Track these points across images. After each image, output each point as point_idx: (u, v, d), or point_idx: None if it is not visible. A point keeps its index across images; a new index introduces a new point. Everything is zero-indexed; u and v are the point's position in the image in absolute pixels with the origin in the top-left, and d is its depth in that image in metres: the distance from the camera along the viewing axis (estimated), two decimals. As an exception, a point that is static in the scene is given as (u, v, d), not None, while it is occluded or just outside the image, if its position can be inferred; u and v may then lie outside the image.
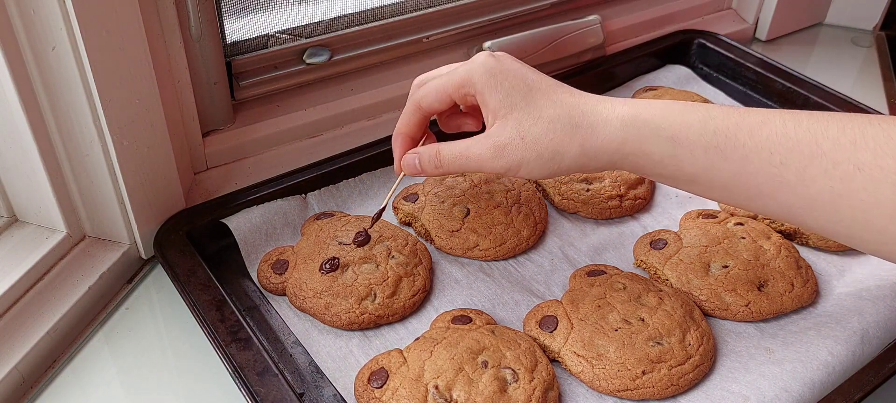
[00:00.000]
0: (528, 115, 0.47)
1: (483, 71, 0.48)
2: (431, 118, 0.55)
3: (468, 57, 0.79)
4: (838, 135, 0.41)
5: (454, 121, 0.56)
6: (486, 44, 0.78)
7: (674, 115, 0.45)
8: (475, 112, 0.55)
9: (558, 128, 0.47)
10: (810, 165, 0.41)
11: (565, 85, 0.49)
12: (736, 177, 0.44)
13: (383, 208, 0.57)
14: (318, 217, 0.62)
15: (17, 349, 0.51)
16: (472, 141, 0.49)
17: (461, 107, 0.55)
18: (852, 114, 0.42)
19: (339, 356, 0.53)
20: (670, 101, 0.46)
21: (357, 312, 0.54)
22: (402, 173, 0.55)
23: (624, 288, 0.55)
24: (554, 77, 0.79)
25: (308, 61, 0.70)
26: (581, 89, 0.79)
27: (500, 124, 0.48)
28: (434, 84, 0.51)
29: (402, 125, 0.54)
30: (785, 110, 0.43)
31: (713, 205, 0.67)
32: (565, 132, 0.47)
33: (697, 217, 0.64)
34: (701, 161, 0.44)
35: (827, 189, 0.41)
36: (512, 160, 0.48)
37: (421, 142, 0.55)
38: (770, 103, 0.80)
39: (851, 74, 0.91)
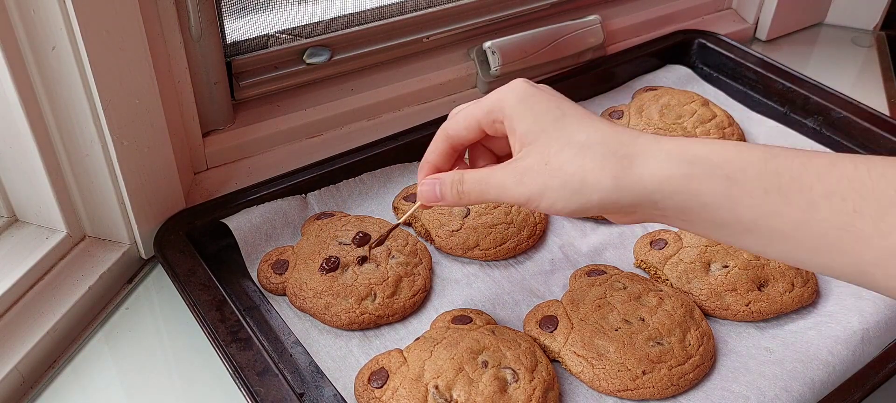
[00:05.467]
0: (557, 139, 0.42)
1: (514, 96, 0.44)
2: (462, 149, 0.50)
3: (468, 57, 0.79)
4: None
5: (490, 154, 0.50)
6: (486, 44, 0.78)
7: (730, 152, 0.39)
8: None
9: (588, 154, 0.41)
10: (888, 215, 0.35)
11: (606, 118, 0.44)
12: (801, 226, 0.37)
13: (394, 227, 0.54)
14: (318, 217, 0.62)
15: (17, 349, 0.51)
16: (496, 166, 0.45)
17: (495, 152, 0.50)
18: None
19: (339, 356, 0.53)
20: (722, 140, 0.41)
21: (357, 312, 0.54)
22: (419, 202, 0.49)
23: (624, 288, 0.55)
24: (554, 77, 0.80)
25: (308, 61, 0.70)
26: (581, 90, 0.81)
27: (526, 150, 0.43)
28: (463, 112, 0.47)
29: (429, 154, 0.49)
30: (856, 155, 0.38)
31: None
32: (596, 160, 0.40)
33: (697, 217, 0.64)
34: (760, 205, 0.38)
35: None
36: (532, 187, 0.42)
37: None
38: (770, 103, 0.80)
39: (851, 74, 0.91)
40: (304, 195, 0.64)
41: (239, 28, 0.66)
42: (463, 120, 0.46)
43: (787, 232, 0.38)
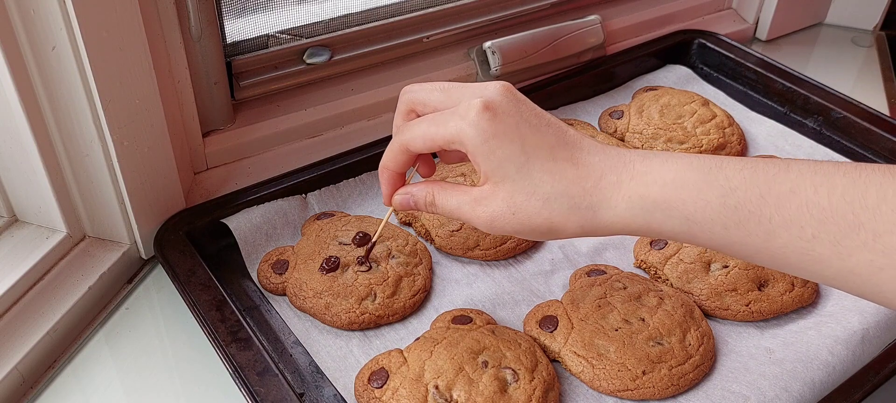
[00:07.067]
0: (521, 190, 0.43)
1: (475, 133, 0.42)
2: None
3: (468, 57, 0.79)
4: (878, 203, 0.36)
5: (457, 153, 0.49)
6: (486, 44, 0.78)
7: (688, 192, 0.40)
8: None
9: (554, 206, 0.43)
10: (846, 238, 0.36)
11: (571, 141, 0.44)
12: (762, 252, 0.40)
13: (375, 241, 0.56)
14: (319, 217, 0.62)
15: (17, 349, 0.51)
16: (466, 200, 0.45)
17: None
18: (892, 169, 0.37)
19: (339, 356, 0.53)
20: (686, 171, 0.41)
21: (357, 312, 0.54)
22: (391, 209, 0.51)
23: (624, 288, 0.55)
24: (554, 77, 0.80)
25: (308, 61, 0.70)
26: (581, 90, 0.81)
27: (490, 189, 0.44)
28: (423, 130, 0.45)
29: (389, 161, 0.49)
30: (817, 168, 0.38)
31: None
32: (562, 212, 0.43)
33: (697, 217, 0.64)
34: (720, 238, 0.40)
35: (866, 262, 0.36)
36: (503, 231, 0.44)
37: (415, 168, 0.50)
38: (770, 103, 0.80)
39: (851, 74, 0.91)
40: (304, 195, 0.64)
41: (239, 28, 0.66)
42: (423, 140, 0.45)
43: (750, 255, 0.41)
